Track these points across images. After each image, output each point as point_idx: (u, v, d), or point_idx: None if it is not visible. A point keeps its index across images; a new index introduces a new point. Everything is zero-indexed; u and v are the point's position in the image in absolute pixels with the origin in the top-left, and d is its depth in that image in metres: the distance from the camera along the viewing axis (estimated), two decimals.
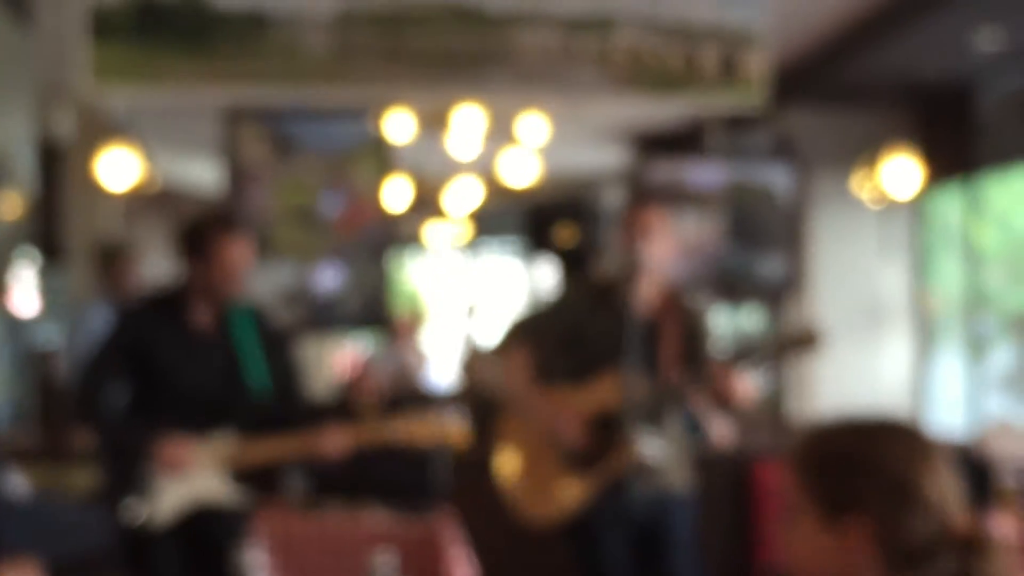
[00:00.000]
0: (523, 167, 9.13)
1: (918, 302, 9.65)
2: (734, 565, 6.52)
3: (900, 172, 8.60)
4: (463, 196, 10.89)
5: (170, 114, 9.26)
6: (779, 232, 8.01)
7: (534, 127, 9.20)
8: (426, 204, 11.28)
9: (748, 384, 4.89)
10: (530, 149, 9.12)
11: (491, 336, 7.23)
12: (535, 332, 5.14)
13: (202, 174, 10.95)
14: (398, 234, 10.80)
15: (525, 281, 15.97)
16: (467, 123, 9.23)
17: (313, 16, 7.50)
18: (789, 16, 7.83)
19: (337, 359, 11.92)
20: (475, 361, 8.25)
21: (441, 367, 12.73)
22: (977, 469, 5.87)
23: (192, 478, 4.74)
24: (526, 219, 14.57)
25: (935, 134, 9.08)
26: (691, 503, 5.04)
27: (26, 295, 9.30)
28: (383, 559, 2.45)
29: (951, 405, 9.31)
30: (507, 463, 5.19)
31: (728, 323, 11.32)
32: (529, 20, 7.57)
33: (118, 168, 8.02)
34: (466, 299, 15.74)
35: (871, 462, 2.03)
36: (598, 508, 4.87)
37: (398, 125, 8.51)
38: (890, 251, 8.95)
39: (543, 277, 15.10)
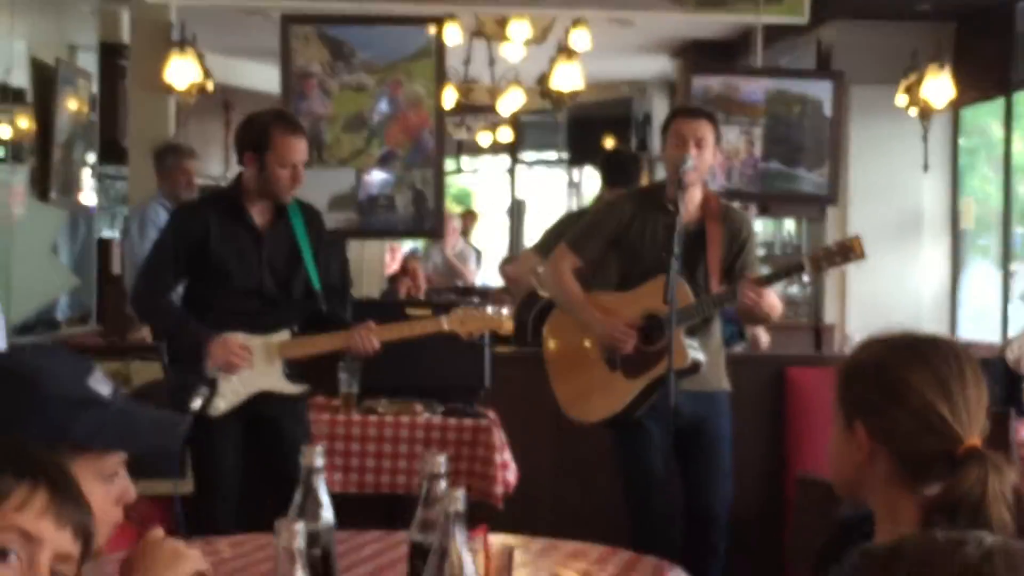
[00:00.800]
0: (570, 76, 9.27)
1: (954, 214, 9.77)
2: (766, 465, 6.69)
3: (938, 86, 8.67)
4: (512, 103, 11.04)
5: (228, 17, 9.44)
6: (820, 145, 8.09)
7: (582, 37, 9.35)
8: (477, 111, 11.39)
9: (775, 300, 4.97)
10: (577, 58, 9.25)
11: (535, 238, 7.34)
12: (582, 235, 5.21)
13: (258, 78, 11.15)
14: (450, 140, 10.96)
15: (570, 186, 16.12)
16: (517, 32, 9.39)
17: None
18: None
19: (388, 260, 12.15)
20: (519, 261, 8.39)
21: (488, 266, 12.97)
22: (1008, 375, 5.94)
23: (249, 370, 4.87)
24: (572, 126, 14.70)
25: (973, 49, 9.12)
26: (731, 401, 5.18)
27: (88, 191, 9.58)
28: (435, 459, 2.61)
29: (984, 314, 9.45)
30: (553, 363, 5.29)
31: (770, 235, 11.45)
32: None
33: (176, 70, 8.22)
34: (513, 202, 15.91)
35: (888, 376, 2.10)
36: (644, 403, 4.99)
37: (451, 33, 8.64)
38: (928, 164, 9.04)
39: (588, 183, 15.27)
